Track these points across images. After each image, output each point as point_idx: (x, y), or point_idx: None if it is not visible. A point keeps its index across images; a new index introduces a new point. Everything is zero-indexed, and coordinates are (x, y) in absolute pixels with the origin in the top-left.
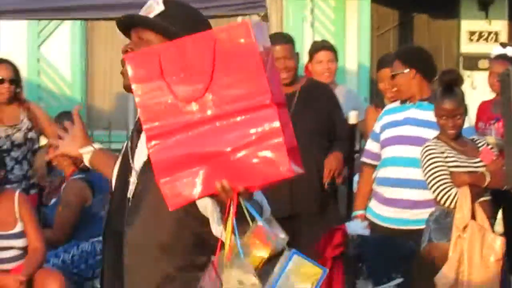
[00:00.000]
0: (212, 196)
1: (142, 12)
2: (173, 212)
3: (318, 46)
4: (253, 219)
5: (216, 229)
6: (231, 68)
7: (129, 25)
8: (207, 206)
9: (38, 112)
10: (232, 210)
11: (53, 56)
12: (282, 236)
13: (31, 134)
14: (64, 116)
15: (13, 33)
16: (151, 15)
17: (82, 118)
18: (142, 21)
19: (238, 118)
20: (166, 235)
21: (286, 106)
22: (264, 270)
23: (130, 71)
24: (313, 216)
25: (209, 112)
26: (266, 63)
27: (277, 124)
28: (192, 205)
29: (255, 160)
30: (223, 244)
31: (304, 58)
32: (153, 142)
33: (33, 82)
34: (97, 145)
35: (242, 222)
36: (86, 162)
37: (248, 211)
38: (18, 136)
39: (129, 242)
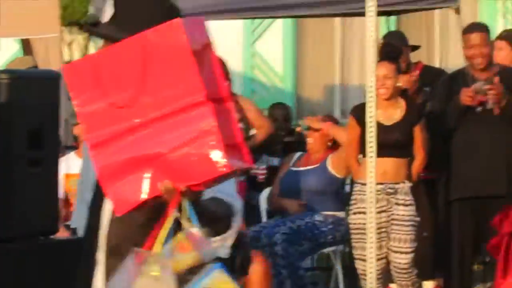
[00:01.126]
0: (157, 197)
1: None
2: None
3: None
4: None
5: None
6: (165, 68)
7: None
8: None
9: (247, 104)
10: (171, 209)
11: (266, 51)
12: (215, 245)
13: (240, 125)
14: (276, 107)
15: (230, 32)
16: (105, 20)
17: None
18: (91, 32)
19: (176, 118)
20: None
21: (230, 99)
22: (185, 278)
23: (67, 81)
24: (501, 198)
25: (148, 116)
26: (202, 60)
27: (211, 121)
28: None
29: (192, 159)
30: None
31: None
32: (95, 151)
33: (247, 75)
34: None
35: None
36: None
37: (187, 212)
38: None
39: None
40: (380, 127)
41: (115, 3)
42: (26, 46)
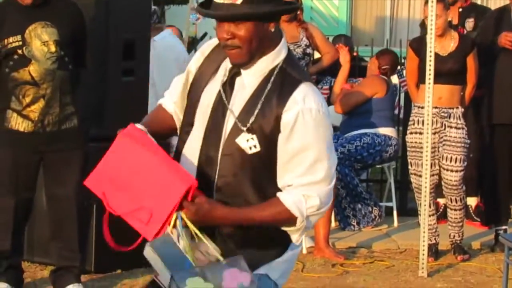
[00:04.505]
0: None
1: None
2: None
3: None
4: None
5: None
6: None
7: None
8: None
9: (315, 31)
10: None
11: None
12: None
13: (309, 50)
14: (338, 38)
15: None
16: (238, 2)
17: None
18: (249, 16)
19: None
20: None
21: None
22: None
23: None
24: None
25: None
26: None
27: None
28: None
29: None
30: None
31: None
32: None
33: (307, 5)
34: None
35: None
36: None
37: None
38: (298, 51)
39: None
40: (437, 57)
41: None
42: None
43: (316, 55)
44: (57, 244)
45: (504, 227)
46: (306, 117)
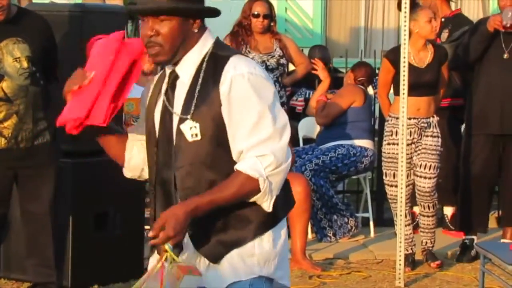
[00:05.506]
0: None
1: None
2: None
3: None
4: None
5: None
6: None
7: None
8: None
9: (288, 42)
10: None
11: None
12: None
13: (283, 61)
14: (314, 49)
15: None
16: None
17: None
18: (175, 10)
19: None
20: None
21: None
22: None
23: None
24: None
25: None
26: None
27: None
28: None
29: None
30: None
31: None
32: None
33: (281, 16)
34: None
35: None
36: None
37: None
38: (271, 62)
39: (180, 185)
40: (415, 69)
41: None
42: None
43: (291, 67)
44: (33, 261)
45: (472, 237)
46: (239, 82)
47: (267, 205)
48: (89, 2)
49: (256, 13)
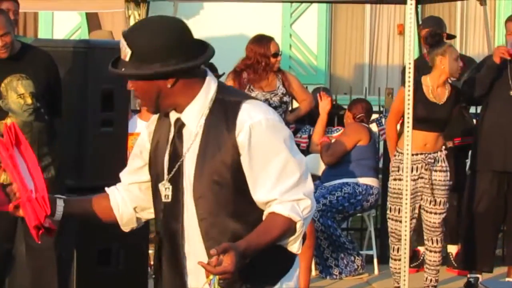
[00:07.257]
0: None
1: (121, 53)
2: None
3: None
4: None
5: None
6: None
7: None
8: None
9: (291, 79)
10: None
11: (302, 32)
12: None
13: (286, 98)
14: (318, 90)
15: (270, 14)
16: (126, 59)
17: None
18: (129, 76)
19: None
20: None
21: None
22: None
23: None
24: None
25: None
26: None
27: None
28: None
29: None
30: None
31: None
32: None
33: (285, 53)
34: None
35: None
36: None
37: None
38: (274, 100)
39: (187, 235)
40: (431, 104)
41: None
42: (91, 19)
43: (295, 104)
44: None
45: (477, 275)
46: (258, 130)
47: (297, 247)
48: (93, 38)
49: (275, 52)
